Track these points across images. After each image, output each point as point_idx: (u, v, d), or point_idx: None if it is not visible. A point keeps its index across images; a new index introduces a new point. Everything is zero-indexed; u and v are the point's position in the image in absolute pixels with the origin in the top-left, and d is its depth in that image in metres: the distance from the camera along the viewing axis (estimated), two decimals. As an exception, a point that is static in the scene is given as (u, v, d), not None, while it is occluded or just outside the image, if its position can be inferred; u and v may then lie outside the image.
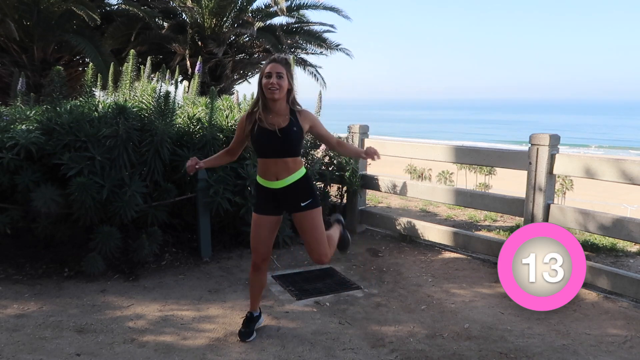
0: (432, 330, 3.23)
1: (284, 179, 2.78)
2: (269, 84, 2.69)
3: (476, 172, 46.40)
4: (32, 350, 2.85)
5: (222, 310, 3.47)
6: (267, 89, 2.71)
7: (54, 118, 4.02)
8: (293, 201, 2.82)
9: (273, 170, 2.78)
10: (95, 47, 9.82)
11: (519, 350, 2.96)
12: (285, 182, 2.78)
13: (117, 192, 3.92)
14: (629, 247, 4.95)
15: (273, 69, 2.70)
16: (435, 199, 5.07)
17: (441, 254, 4.78)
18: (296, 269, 4.30)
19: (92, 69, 4.75)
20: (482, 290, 3.92)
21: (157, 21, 11.64)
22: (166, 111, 4.15)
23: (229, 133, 4.62)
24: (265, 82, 2.71)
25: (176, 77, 5.31)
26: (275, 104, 2.75)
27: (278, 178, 2.78)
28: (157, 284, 3.92)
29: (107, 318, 3.29)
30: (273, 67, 2.71)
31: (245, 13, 11.94)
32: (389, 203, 7.21)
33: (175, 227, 4.65)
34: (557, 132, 4.14)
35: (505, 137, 69.94)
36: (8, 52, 10.04)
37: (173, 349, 2.91)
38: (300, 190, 2.82)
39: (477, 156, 4.73)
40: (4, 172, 3.80)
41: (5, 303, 3.48)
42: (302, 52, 13.41)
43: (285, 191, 2.80)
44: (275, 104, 2.75)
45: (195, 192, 4.35)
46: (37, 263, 4.10)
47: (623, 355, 2.94)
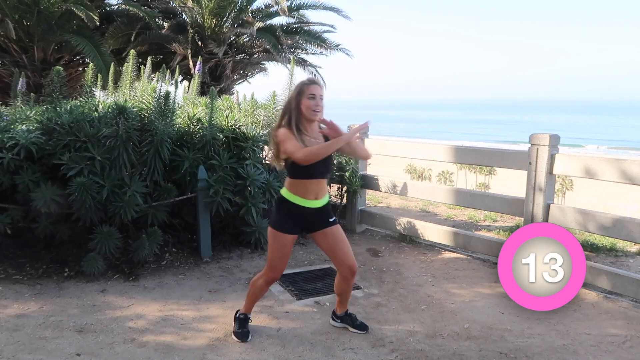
0: (432, 330, 3.23)
1: (322, 198, 2.88)
2: (315, 106, 2.74)
3: (476, 172, 46.33)
4: (32, 350, 2.85)
5: (222, 310, 3.47)
6: (311, 110, 2.74)
7: (54, 118, 4.02)
8: (323, 218, 2.90)
9: (315, 190, 2.82)
10: (95, 47, 9.82)
11: (519, 350, 2.97)
12: (323, 201, 2.88)
13: (117, 192, 3.92)
14: (629, 247, 4.95)
15: (317, 92, 2.75)
16: (435, 199, 5.07)
17: (441, 254, 4.78)
18: (296, 269, 4.30)
19: (92, 69, 4.76)
20: (482, 290, 3.93)
21: (157, 21, 11.64)
22: (166, 111, 4.15)
23: (229, 133, 4.62)
24: (312, 104, 2.73)
25: (176, 77, 5.32)
26: (312, 125, 2.80)
27: (318, 197, 2.85)
28: (157, 284, 3.92)
29: (107, 318, 3.30)
30: (316, 89, 2.76)
31: (245, 13, 11.94)
32: (389, 203, 7.21)
33: (175, 227, 4.65)
34: (557, 132, 4.14)
35: (505, 137, 69.87)
36: (8, 52, 10.04)
37: (173, 349, 2.91)
38: (329, 207, 2.94)
39: (477, 156, 4.73)
40: (4, 172, 3.80)
41: (5, 303, 3.48)
42: (302, 52, 13.41)
43: (319, 210, 2.88)
44: (312, 124, 2.80)
45: (195, 192, 4.35)
46: (37, 263, 4.10)
47: (623, 355, 2.94)
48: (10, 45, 9.89)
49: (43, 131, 3.97)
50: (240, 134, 4.63)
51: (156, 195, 4.26)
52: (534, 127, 76.37)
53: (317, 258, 4.58)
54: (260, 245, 4.67)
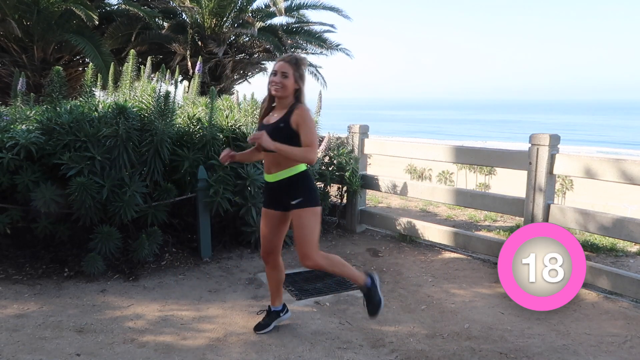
0: (432, 330, 3.23)
1: (275, 174, 2.83)
2: (272, 82, 2.77)
3: (476, 172, 46.41)
4: (32, 350, 2.85)
5: (222, 310, 3.47)
6: (270, 86, 2.78)
7: (54, 118, 4.02)
8: (285, 198, 2.84)
9: (267, 163, 2.87)
10: (95, 47, 9.81)
11: (519, 350, 2.96)
12: (276, 177, 2.83)
13: (117, 192, 3.92)
14: (629, 247, 4.95)
15: (279, 68, 2.77)
16: (435, 199, 5.07)
17: (441, 254, 4.78)
18: (296, 269, 4.30)
19: (92, 69, 4.75)
20: (482, 290, 3.92)
21: (157, 21, 11.63)
22: (166, 111, 4.15)
23: (229, 133, 4.62)
24: (270, 80, 2.78)
25: (176, 77, 5.31)
26: (279, 102, 2.82)
27: (270, 172, 2.85)
28: (157, 284, 3.92)
29: (107, 318, 3.29)
30: (280, 66, 2.77)
31: (245, 13, 11.93)
32: (389, 203, 7.21)
33: (175, 227, 4.65)
34: (557, 132, 4.14)
35: (505, 137, 69.93)
36: (8, 52, 10.03)
37: (173, 349, 2.91)
38: (292, 188, 2.82)
39: (477, 156, 4.73)
40: (4, 172, 3.80)
41: (5, 303, 3.48)
42: (303, 52, 13.40)
43: (278, 186, 2.85)
44: (279, 101, 2.82)
45: (195, 192, 4.35)
46: (37, 263, 4.10)
47: (623, 355, 2.94)
48: (10, 45, 9.88)
49: (43, 131, 3.97)
50: (240, 134, 4.63)
51: (156, 195, 4.26)
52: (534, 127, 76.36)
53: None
54: (260, 245, 4.66)
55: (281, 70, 2.75)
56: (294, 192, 2.81)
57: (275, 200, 2.91)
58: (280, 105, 2.82)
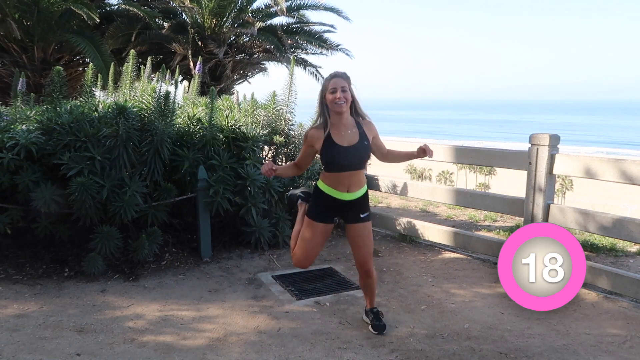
0: (432, 330, 3.23)
1: (355, 192, 2.92)
2: (336, 99, 2.79)
3: (476, 172, 46.44)
4: (32, 350, 2.85)
5: (222, 310, 3.47)
6: (333, 103, 2.80)
7: (54, 118, 4.02)
8: (355, 212, 2.96)
9: (346, 183, 2.89)
10: (95, 47, 9.83)
11: (519, 350, 2.96)
12: (356, 195, 2.93)
13: (117, 192, 3.92)
14: (629, 247, 4.95)
15: (337, 84, 2.80)
16: (435, 199, 5.06)
17: (441, 254, 4.78)
18: (296, 269, 4.30)
19: (92, 69, 4.76)
20: (482, 290, 3.92)
21: (157, 21, 11.65)
22: (166, 111, 4.15)
23: (229, 133, 4.62)
24: (332, 98, 2.80)
25: (176, 77, 5.31)
26: (342, 118, 2.85)
27: (349, 190, 2.91)
28: (157, 284, 3.92)
29: (107, 318, 3.30)
30: (336, 82, 2.81)
31: (246, 13, 11.94)
32: (389, 203, 7.21)
33: (175, 227, 4.65)
34: (557, 132, 4.14)
35: (505, 137, 69.95)
36: (8, 52, 10.04)
37: (173, 349, 2.91)
38: (363, 202, 2.97)
39: (477, 156, 4.73)
40: (4, 172, 3.80)
41: (5, 303, 3.48)
42: (303, 52, 13.42)
43: (352, 203, 2.93)
44: (342, 117, 2.84)
45: (195, 192, 4.35)
46: (37, 263, 4.10)
47: (623, 355, 2.94)
48: (10, 45, 9.89)
49: (43, 131, 3.97)
50: (240, 134, 4.63)
51: (156, 195, 4.27)
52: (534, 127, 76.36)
53: (317, 258, 4.57)
54: (260, 245, 4.67)
55: (340, 85, 2.80)
56: (364, 206, 2.98)
57: (340, 214, 2.99)
58: (343, 121, 2.85)
